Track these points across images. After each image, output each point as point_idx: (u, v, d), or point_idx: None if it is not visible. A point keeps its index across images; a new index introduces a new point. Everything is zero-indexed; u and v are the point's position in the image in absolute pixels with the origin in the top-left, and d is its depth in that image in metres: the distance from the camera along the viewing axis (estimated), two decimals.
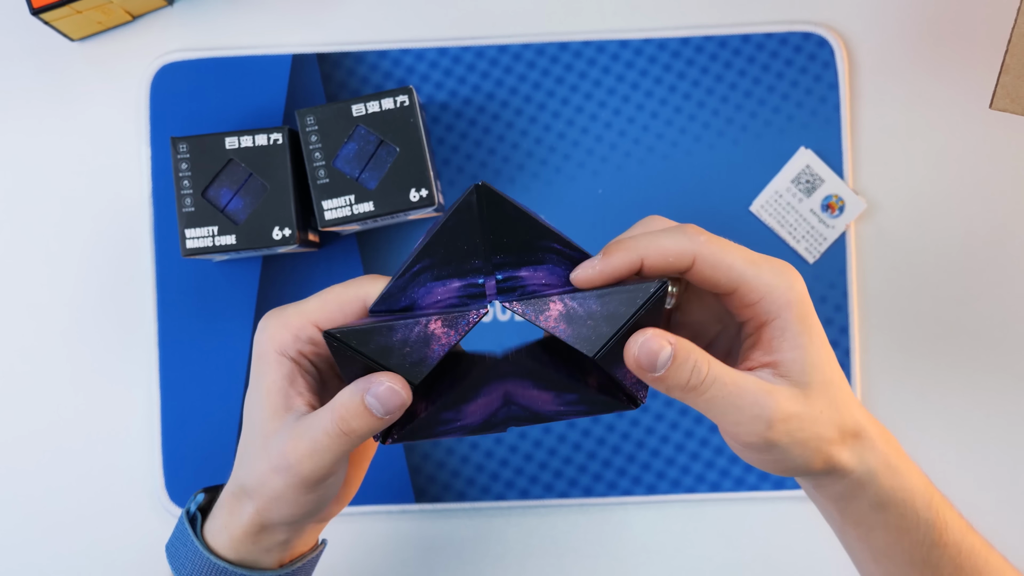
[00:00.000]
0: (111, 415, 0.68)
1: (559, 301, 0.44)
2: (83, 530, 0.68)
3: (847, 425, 0.46)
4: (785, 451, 0.45)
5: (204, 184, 0.62)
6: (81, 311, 0.68)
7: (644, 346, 0.43)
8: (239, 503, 0.50)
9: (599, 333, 0.44)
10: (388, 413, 0.45)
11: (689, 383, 0.44)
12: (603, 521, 0.68)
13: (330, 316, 0.48)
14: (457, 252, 0.46)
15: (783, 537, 0.68)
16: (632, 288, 0.44)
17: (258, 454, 0.48)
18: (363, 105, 0.61)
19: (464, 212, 0.46)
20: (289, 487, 0.47)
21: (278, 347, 0.48)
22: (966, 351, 0.68)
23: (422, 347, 0.45)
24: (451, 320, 0.45)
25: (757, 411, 0.44)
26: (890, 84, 0.69)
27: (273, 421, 0.48)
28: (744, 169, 0.68)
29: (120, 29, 0.69)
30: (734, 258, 0.46)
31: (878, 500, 0.48)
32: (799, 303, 0.45)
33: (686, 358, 0.43)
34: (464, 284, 0.46)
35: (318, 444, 0.46)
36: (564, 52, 0.68)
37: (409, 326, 0.44)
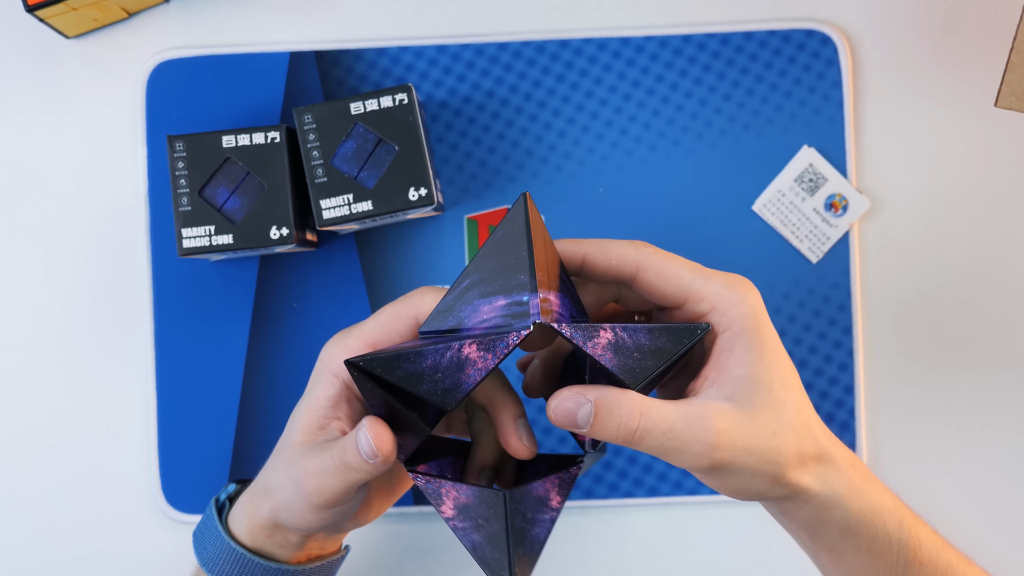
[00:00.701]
0: (106, 417, 0.68)
1: (610, 330, 0.43)
2: (78, 533, 0.68)
3: (806, 448, 0.46)
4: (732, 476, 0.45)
5: (201, 183, 0.62)
6: (76, 311, 0.68)
7: (560, 406, 0.43)
8: (260, 498, 0.52)
9: (644, 367, 0.44)
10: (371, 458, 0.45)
11: (618, 436, 0.43)
12: (604, 523, 0.68)
13: (387, 336, 0.48)
14: (504, 266, 0.44)
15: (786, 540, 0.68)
16: (680, 327, 0.44)
17: (283, 462, 0.50)
18: (361, 103, 0.61)
19: (511, 223, 0.45)
20: (297, 501, 0.48)
21: (335, 368, 0.49)
22: (971, 352, 0.68)
23: (455, 372, 0.42)
24: (488, 343, 0.42)
25: (697, 448, 0.43)
26: (894, 82, 0.68)
27: (305, 435, 0.49)
28: (746, 168, 0.68)
29: (116, 26, 0.69)
30: (680, 268, 0.45)
31: (847, 524, 0.47)
32: (751, 317, 0.45)
33: (608, 412, 0.43)
34: (509, 302, 0.44)
35: (324, 469, 0.47)
36: (565, 49, 0.68)
37: (440, 351, 0.42)
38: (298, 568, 0.53)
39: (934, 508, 0.55)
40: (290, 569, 0.53)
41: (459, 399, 0.43)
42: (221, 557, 0.52)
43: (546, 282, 0.45)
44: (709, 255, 0.56)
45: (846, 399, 0.67)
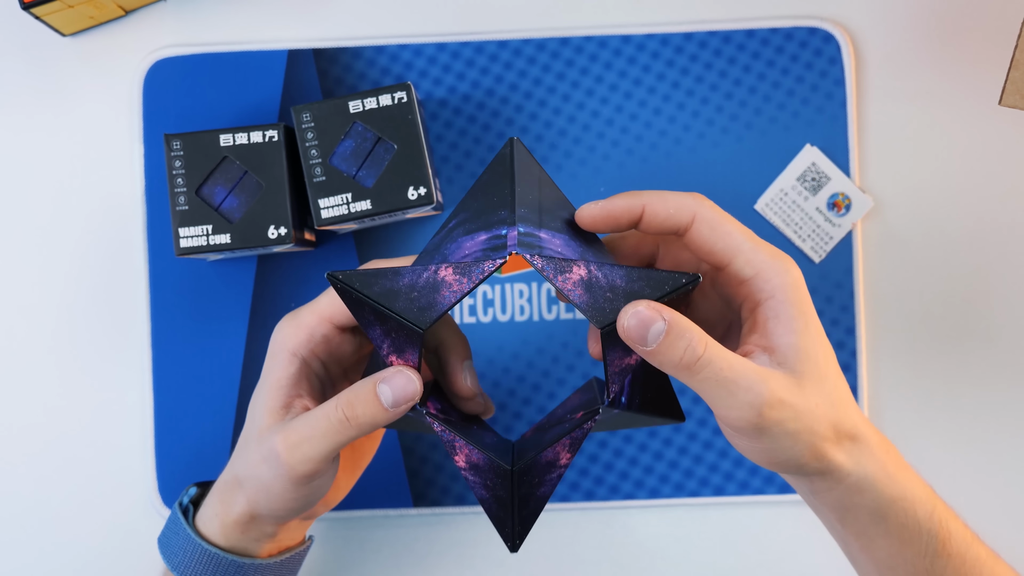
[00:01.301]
0: (103, 417, 0.68)
1: (583, 266, 0.44)
2: (75, 533, 0.68)
3: (843, 425, 0.46)
4: (775, 440, 0.44)
5: (198, 182, 0.61)
6: (73, 311, 0.68)
7: (636, 315, 0.42)
8: (231, 493, 0.51)
9: (614, 308, 0.44)
10: (395, 404, 0.45)
11: (682, 361, 0.43)
12: (605, 526, 0.68)
13: (342, 309, 0.49)
14: (488, 205, 0.46)
15: (788, 542, 0.68)
16: (664, 274, 0.44)
17: (252, 446, 0.49)
18: (360, 101, 0.61)
19: (498, 164, 0.46)
20: (277, 479, 0.48)
21: (292, 346, 0.49)
22: (975, 352, 0.68)
23: (431, 293, 0.44)
24: (463, 267, 0.44)
25: (750, 397, 0.43)
26: (897, 80, 0.68)
27: (270, 417, 0.49)
28: (748, 167, 0.68)
29: (112, 24, 0.69)
30: (733, 227, 0.45)
31: (877, 509, 0.48)
32: (794, 287, 0.45)
33: (680, 334, 0.43)
34: (489, 236, 0.45)
35: (315, 430, 0.46)
36: (565, 47, 0.68)
37: (417, 272, 0.44)
38: (271, 561, 0.53)
39: None
40: (265, 563, 0.53)
41: (433, 318, 0.44)
42: (194, 559, 0.52)
43: (536, 220, 0.46)
44: None
45: None
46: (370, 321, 0.46)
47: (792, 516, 0.68)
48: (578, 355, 0.67)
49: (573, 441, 0.47)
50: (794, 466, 0.46)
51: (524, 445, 0.51)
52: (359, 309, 0.45)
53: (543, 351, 0.67)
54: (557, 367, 0.67)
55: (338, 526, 0.68)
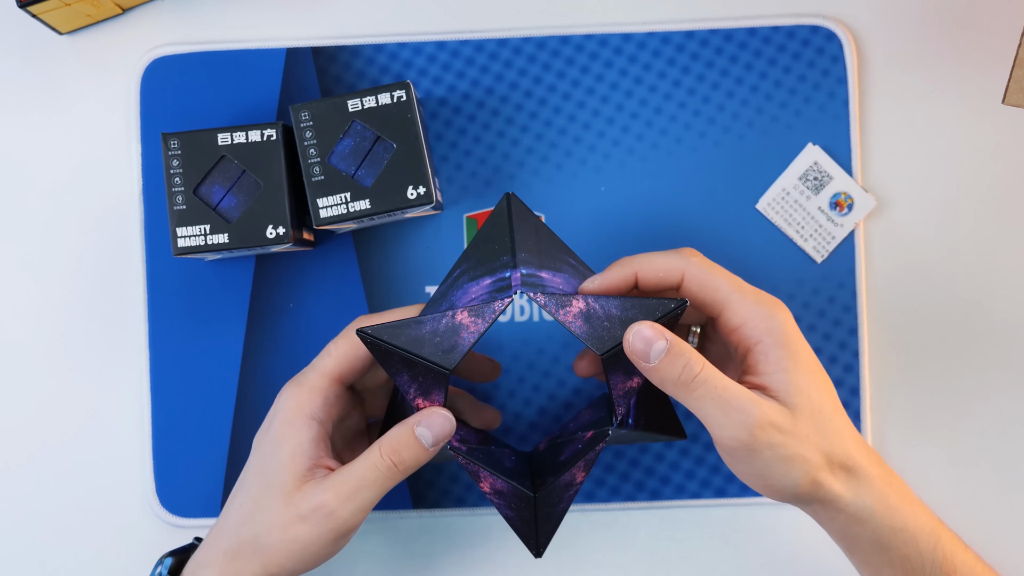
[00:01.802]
0: (100, 419, 0.67)
1: (582, 300, 0.49)
2: (71, 536, 0.67)
3: (836, 455, 0.48)
4: (768, 466, 0.47)
5: (196, 181, 0.61)
6: (69, 312, 0.68)
7: (640, 335, 0.47)
8: (239, 561, 0.51)
9: (612, 335, 0.48)
10: (435, 443, 0.49)
11: (680, 378, 0.47)
12: (605, 528, 0.68)
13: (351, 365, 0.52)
14: (490, 253, 0.51)
15: (790, 544, 0.68)
16: (654, 301, 0.48)
17: (279, 511, 0.50)
18: (359, 100, 0.61)
19: (496, 217, 0.51)
20: (320, 535, 0.49)
21: (309, 411, 0.51)
22: (978, 353, 0.68)
23: (452, 336, 0.49)
24: (477, 310, 0.49)
25: (742, 416, 0.46)
26: (900, 79, 0.68)
27: (298, 480, 0.50)
28: (750, 166, 0.67)
29: (109, 22, 0.69)
30: (720, 281, 0.50)
31: (878, 539, 0.49)
32: (780, 331, 0.48)
33: (679, 353, 0.47)
34: (494, 280, 0.50)
35: (365, 480, 0.49)
36: (565, 46, 0.68)
37: (437, 319, 0.49)
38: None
39: (941, 511, 0.55)
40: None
41: (458, 359, 0.48)
42: None
43: (536, 262, 0.51)
44: (712, 255, 0.56)
45: (852, 401, 0.67)
46: (398, 369, 0.49)
47: (795, 518, 0.67)
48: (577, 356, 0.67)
49: (587, 463, 0.51)
50: (790, 494, 0.48)
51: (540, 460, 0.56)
52: (388, 359, 0.49)
53: (543, 352, 0.67)
54: (557, 368, 0.67)
55: None
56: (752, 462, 0.47)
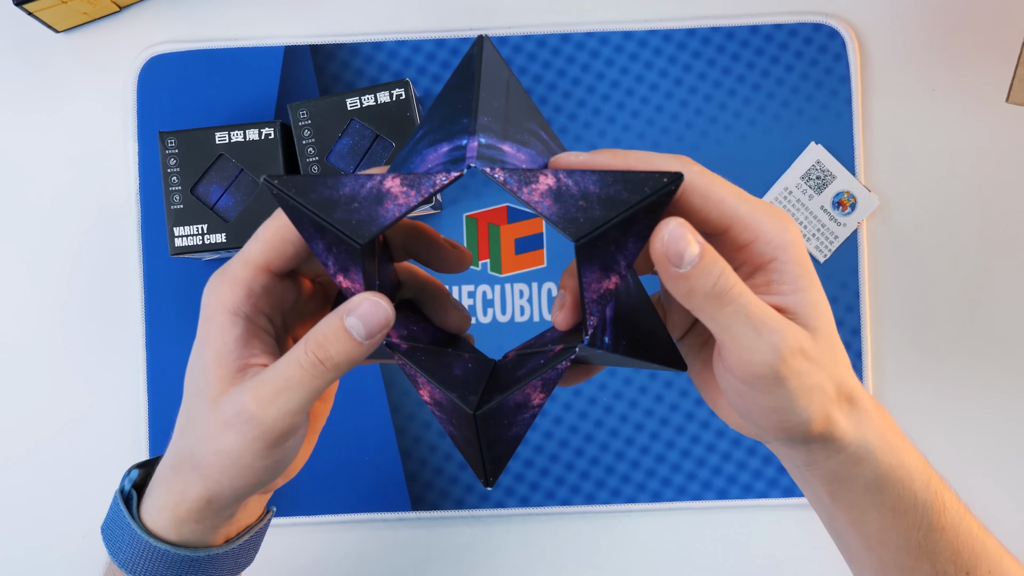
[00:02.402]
0: (96, 419, 0.67)
1: (552, 176, 0.40)
2: (66, 536, 0.67)
3: (844, 385, 0.44)
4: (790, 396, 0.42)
5: (193, 180, 0.61)
6: (66, 312, 0.68)
7: (673, 234, 0.40)
8: (181, 477, 0.46)
9: (589, 217, 0.40)
10: (369, 335, 0.42)
11: (715, 288, 0.40)
12: (606, 529, 0.67)
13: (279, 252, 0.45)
14: (452, 112, 0.42)
15: (792, 546, 0.68)
16: (642, 175, 0.40)
17: (205, 417, 0.44)
18: (358, 99, 0.61)
19: (464, 67, 0.42)
20: (248, 444, 0.43)
21: (230, 306, 0.44)
22: (982, 353, 0.68)
23: (373, 205, 0.40)
24: (412, 179, 0.40)
25: (775, 339, 0.41)
26: (903, 77, 0.68)
27: (223, 383, 0.44)
28: (752, 165, 0.67)
29: (106, 20, 0.68)
30: (725, 192, 0.43)
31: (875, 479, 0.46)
32: (794, 245, 0.43)
33: (715, 260, 0.40)
34: (451, 148, 0.42)
35: (289, 380, 0.42)
36: (566, 44, 0.68)
37: (360, 180, 0.40)
38: (228, 548, 0.49)
39: None
40: (222, 552, 0.49)
41: (373, 233, 0.40)
42: (142, 557, 0.47)
43: (500, 131, 0.42)
44: None
45: None
46: (311, 234, 0.42)
47: (796, 520, 0.67)
48: None
49: (546, 382, 0.43)
50: (801, 432, 0.44)
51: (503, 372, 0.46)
52: (299, 220, 0.41)
53: None
54: None
55: (335, 530, 0.67)
56: (775, 392, 0.42)
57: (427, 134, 0.43)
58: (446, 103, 0.43)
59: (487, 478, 0.43)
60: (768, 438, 0.47)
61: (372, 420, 0.67)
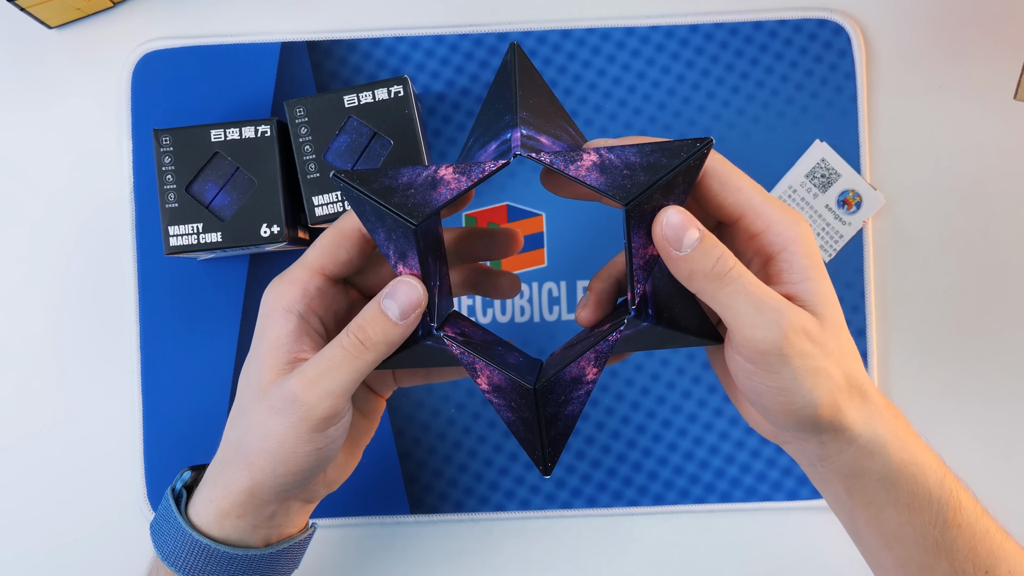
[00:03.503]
0: (90, 422, 0.67)
1: (594, 153, 0.45)
2: (60, 538, 0.67)
3: (854, 378, 0.46)
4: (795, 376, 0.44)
5: (188, 179, 0.61)
6: (59, 312, 0.67)
7: (671, 221, 0.44)
8: (229, 470, 0.49)
9: (636, 182, 0.44)
10: (404, 315, 0.46)
11: (715, 269, 0.44)
12: (608, 533, 0.67)
13: (334, 257, 0.49)
14: (496, 115, 0.47)
15: (797, 550, 0.68)
16: (677, 142, 0.45)
17: (255, 406, 0.48)
18: (355, 96, 0.61)
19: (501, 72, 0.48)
20: (292, 427, 0.46)
21: (285, 303, 0.48)
22: (990, 354, 0.67)
23: (428, 190, 0.45)
24: (464, 167, 0.45)
25: (776, 317, 0.43)
26: (910, 73, 0.68)
27: (273, 373, 0.48)
28: (756, 163, 0.67)
29: (100, 16, 0.68)
30: (743, 182, 0.46)
31: (887, 474, 0.47)
32: (804, 238, 0.45)
33: (714, 244, 0.44)
34: (498, 144, 0.47)
35: (331, 362, 0.46)
36: (567, 40, 0.68)
37: (418, 171, 0.45)
38: (268, 551, 0.51)
39: None
40: (261, 553, 0.51)
41: (427, 213, 0.44)
42: (185, 550, 0.50)
43: (537, 125, 0.47)
44: None
45: None
46: (373, 224, 0.46)
47: (801, 523, 0.67)
48: None
49: (598, 355, 0.47)
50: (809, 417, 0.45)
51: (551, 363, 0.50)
52: (362, 210, 0.46)
53: (543, 353, 0.67)
54: None
55: (333, 534, 0.67)
56: (780, 371, 0.44)
57: (477, 139, 0.48)
58: (489, 110, 0.48)
59: (545, 464, 0.48)
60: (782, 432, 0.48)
61: None
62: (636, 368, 0.67)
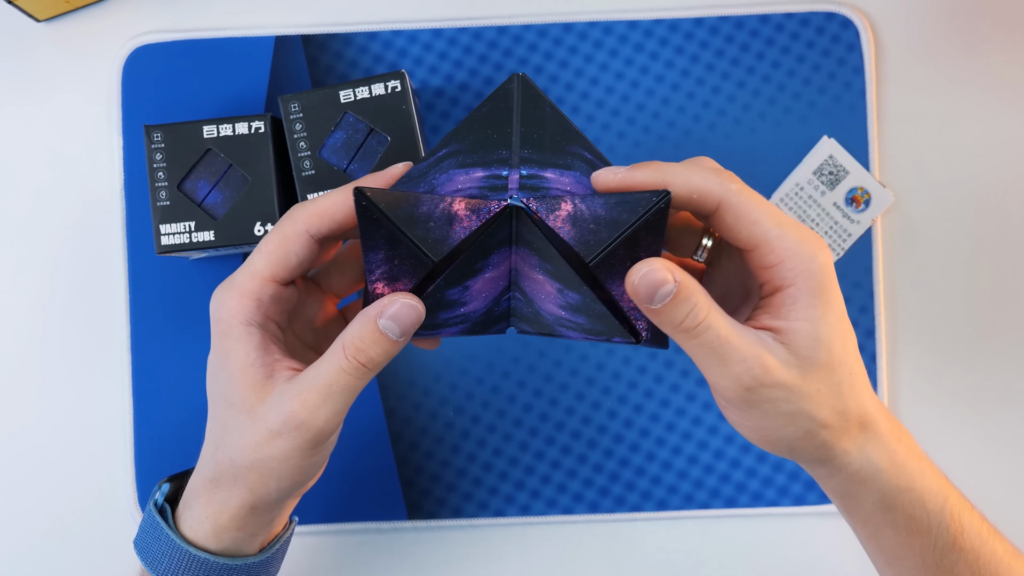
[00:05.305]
0: (80, 424, 0.67)
1: (569, 201, 0.45)
2: (50, 542, 0.67)
3: (851, 413, 0.47)
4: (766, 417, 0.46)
5: (180, 176, 0.61)
6: (48, 312, 0.67)
7: (647, 277, 0.44)
8: (223, 489, 0.50)
9: (598, 239, 0.45)
10: (404, 333, 0.46)
11: (683, 324, 0.45)
12: (610, 539, 0.67)
13: (282, 263, 0.49)
14: (486, 141, 0.47)
15: (804, 557, 0.68)
16: (637, 195, 0.45)
17: (247, 428, 0.48)
18: (351, 91, 0.60)
19: (500, 100, 0.47)
20: (297, 448, 0.48)
21: (244, 318, 0.49)
22: (1001, 355, 0.67)
23: (445, 225, 0.45)
24: (474, 206, 0.46)
25: (741, 368, 0.45)
26: (920, 68, 0.68)
27: (256, 392, 0.48)
28: (762, 160, 0.67)
29: (90, 9, 0.68)
30: (760, 214, 0.46)
31: (883, 499, 0.48)
32: (819, 274, 0.46)
33: (687, 297, 0.44)
34: (487, 175, 0.47)
35: (334, 386, 0.47)
36: (568, 33, 0.68)
37: (435, 201, 0.46)
38: (264, 556, 0.53)
39: None
40: (257, 560, 0.53)
41: (445, 252, 0.45)
42: (182, 566, 0.51)
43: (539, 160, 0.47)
44: None
45: None
46: (377, 244, 0.46)
47: (808, 529, 0.67)
48: (581, 359, 0.67)
49: None
50: (786, 448, 0.47)
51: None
52: (373, 229, 0.46)
53: (544, 354, 0.67)
54: (559, 371, 0.67)
55: (329, 540, 0.67)
56: (750, 412, 0.46)
57: (454, 154, 0.47)
58: (477, 131, 0.48)
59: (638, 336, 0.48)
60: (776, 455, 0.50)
61: (366, 425, 0.67)
62: (639, 370, 0.67)
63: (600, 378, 0.67)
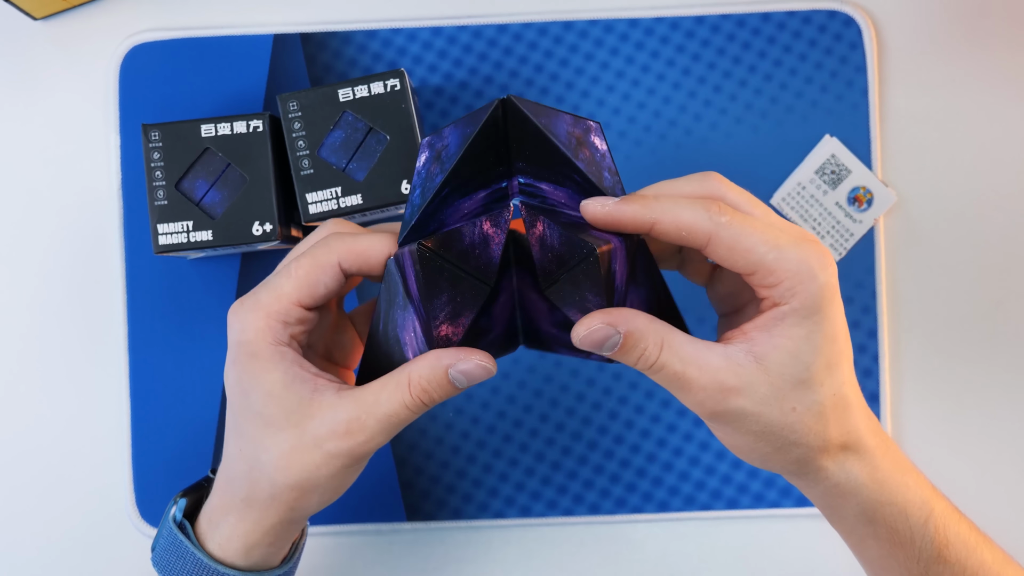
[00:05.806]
0: (77, 425, 0.67)
1: (542, 224, 0.46)
2: (46, 546, 0.67)
3: (831, 434, 0.47)
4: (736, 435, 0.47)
5: (178, 175, 0.61)
6: (45, 312, 0.67)
7: (589, 336, 0.46)
8: (256, 507, 0.50)
9: (549, 270, 0.47)
10: (470, 384, 0.48)
11: (637, 365, 0.46)
12: (611, 541, 0.67)
13: (311, 291, 0.49)
14: (479, 169, 0.47)
15: (806, 558, 0.67)
16: (577, 242, 0.45)
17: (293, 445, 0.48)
18: (350, 89, 0.60)
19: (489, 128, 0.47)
20: (346, 467, 0.49)
21: (272, 339, 0.49)
22: (1004, 355, 0.67)
23: (484, 248, 0.47)
24: (494, 219, 0.47)
25: (702, 397, 0.46)
26: (922, 67, 0.68)
27: (304, 408, 0.48)
28: (764, 159, 0.67)
29: (87, 7, 0.68)
30: (754, 241, 0.45)
31: (864, 512, 0.49)
32: (816, 294, 0.45)
33: (634, 344, 0.46)
34: (488, 192, 0.48)
35: (394, 418, 0.48)
36: (569, 32, 0.67)
37: (470, 228, 0.46)
38: (288, 567, 0.54)
39: None
40: (283, 572, 0.53)
41: (494, 272, 0.47)
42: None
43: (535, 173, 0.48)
44: None
45: (871, 407, 0.66)
46: (441, 289, 0.47)
47: (809, 530, 0.67)
48: (582, 360, 0.67)
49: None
50: (759, 460, 0.48)
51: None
52: (436, 278, 0.46)
53: (544, 355, 0.67)
54: (560, 372, 0.67)
55: (328, 542, 0.67)
56: (721, 429, 0.48)
57: (454, 190, 0.47)
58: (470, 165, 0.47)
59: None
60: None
61: None
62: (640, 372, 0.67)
63: (601, 379, 0.67)
